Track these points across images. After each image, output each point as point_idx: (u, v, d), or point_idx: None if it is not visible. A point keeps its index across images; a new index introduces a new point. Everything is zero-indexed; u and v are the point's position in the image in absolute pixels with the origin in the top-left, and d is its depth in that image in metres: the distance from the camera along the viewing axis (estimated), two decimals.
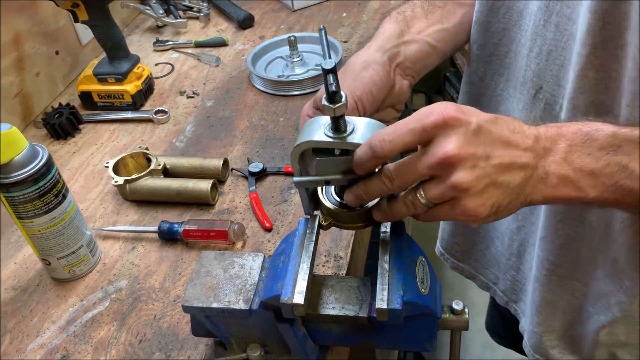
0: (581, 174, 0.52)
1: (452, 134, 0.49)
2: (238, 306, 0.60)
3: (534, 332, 0.81)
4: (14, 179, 0.72)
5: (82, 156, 1.08)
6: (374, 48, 0.70)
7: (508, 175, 0.51)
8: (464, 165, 0.49)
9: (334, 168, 0.57)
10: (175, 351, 0.73)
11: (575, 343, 0.80)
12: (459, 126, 0.49)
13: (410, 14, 0.74)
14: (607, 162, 0.52)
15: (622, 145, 0.52)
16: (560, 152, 0.53)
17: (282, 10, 1.50)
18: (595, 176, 0.52)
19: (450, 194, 0.51)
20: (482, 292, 1.20)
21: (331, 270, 0.80)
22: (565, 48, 0.65)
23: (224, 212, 0.92)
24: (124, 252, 0.88)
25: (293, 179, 0.58)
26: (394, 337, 0.62)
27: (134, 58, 1.20)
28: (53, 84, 1.25)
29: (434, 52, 0.73)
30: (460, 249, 0.97)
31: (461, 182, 0.49)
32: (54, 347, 0.75)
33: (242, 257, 0.65)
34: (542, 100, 0.70)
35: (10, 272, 0.87)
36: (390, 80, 0.69)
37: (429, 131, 0.50)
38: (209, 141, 1.08)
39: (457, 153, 0.49)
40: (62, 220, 0.78)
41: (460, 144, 0.49)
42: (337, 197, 0.62)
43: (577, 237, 0.71)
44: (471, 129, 0.50)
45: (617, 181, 0.52)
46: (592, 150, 0.53)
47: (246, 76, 1.26)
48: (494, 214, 0.53)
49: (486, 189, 0.51)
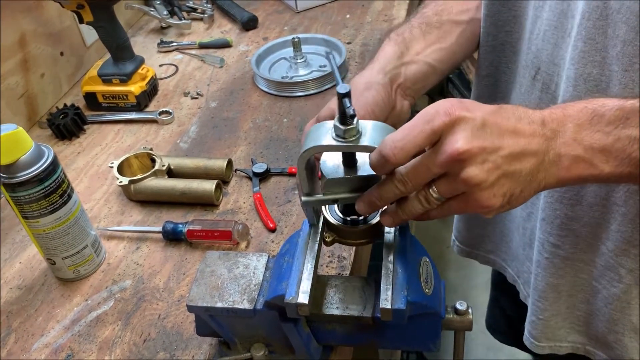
0: (592, 152, 0.53)
1: (460, 130, 0.50)
2: (242, 306, 0.60)
3: (539, 319, 0.81)
4: (19, 179, 0.73)
5: (87, 156, 1.09)
6: (376, 69, 0.72)
7: (519, 164, 0.52)
8: (474, 160, 0.50)
9: (342, 187, 0.58)
10: (180, 351, 0.73)
11: (583, 322, 0.80)
12: (465, 122, 0.50)
13: (409, 36, 0.76)
14: (617, 137, 0.53)
15: (630, 117, 0.53)
16: (569, 132, 0.53)
17: (286, 12, 1.50)
18: (606, 152, 0.53)
19: (463, 189, 0.52)
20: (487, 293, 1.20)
21: (335, 271, 0.80)
22: (558, 26, 0.66)
23: (228, 213, 0.92)
24: (129, 252, 0.88)
25: (301, 199, 0.59)
26: (398, 337, 0.62)
27: (138, 59, 1.20)
28: (58, 84, 1.25)
29: (433, 72, 0.76)
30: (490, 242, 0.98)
31: (472, 176, 0.50)
32: (59, 346, 0.76)
33: (246, 257, 0.65)
34: (540, 81, 0.72)
35: (15, 271, 0.87)
36: (392, 100, 0.71)
37: (438, 132, 0.51)
38: (213, 142, 1.08)
39: (467, 149, 0.50)
40: (67, 220, 0.79)
41: (468, 140, 0.50)
42: (340, 214, 0.63)
43: (576, 217, 0.72)
44: (477, 123, 0.51)
45: (629, 154, 0.53)
46: (601, 127, 0.53)
47: (250, 77, 1.26)
48: (508, 204, 0.53)
49: (498, 180, 0.51)
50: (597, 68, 0.62)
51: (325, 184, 0.58)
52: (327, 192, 0.58)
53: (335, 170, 0.58)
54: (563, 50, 0.66)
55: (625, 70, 0.60)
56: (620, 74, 0.60)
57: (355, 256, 0.83)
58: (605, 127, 0.53)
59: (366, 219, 0.62)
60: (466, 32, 0.79)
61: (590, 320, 0.78)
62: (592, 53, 0.62)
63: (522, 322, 0.89)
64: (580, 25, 0.62)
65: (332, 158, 0.59)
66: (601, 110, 0.53)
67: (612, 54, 0.60)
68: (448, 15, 0.78)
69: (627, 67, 0.59)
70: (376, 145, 0.53)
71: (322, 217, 0.63)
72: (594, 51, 0.61)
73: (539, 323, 0.81)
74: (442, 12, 0.79)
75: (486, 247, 0.99)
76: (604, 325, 0.76)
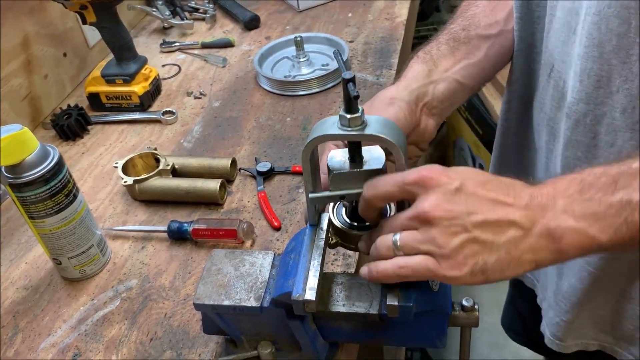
0: (585, 221, 0.51)
1: (432, 193, 0.52)
2: (249, 303, 0.60)
3: (563, 321, 0.79)
4: (25, 179, 0.73)
5: (91, 157, 1.09)
6: (402, 86, 0.72)
7: (491, 232, 0.51)
8: (439, 223, 0.51)
9: (348, 182, 0.58)
10: (186, 349, 0.73)
11: (608, 322, 0.78)
12: (438, 186, 0.52)
13: (437, 53, 0.75)
14: (609, 203, 0.51)
15: (619, 179, 0.51)
16: (559, 205, 0.52)
17: (288, 11, 1.50)
18: (601, 219, 0.51)
19: (425, 247, 0.52)
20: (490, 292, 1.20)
21: (340, 269, 0.80)
22: (566, 24, 0.66)
23: (232, 212, 0.93)
24: (134, 252, 0.88)
25: (309, 195, 0.59)
26: (404, 334, 0.62)
27: (141, 59, 1.20)
28: (61, 85, 1.25)
29: (461, 89, 0.74)
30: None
31: (434, 237, 0.51)
32: (66, 345, 0.76)
33: (252, 255, 0.65)
34: (553, 78, 0.71)
35: (22, 271, 0.88)
36: (416, 118, 0.70)
37: (408, 186, 0.53)
38: (217, 141, 1.09)
39: (431, 210, 0.51)
40: (72, 220, 0.79)
41: (436, 202, 0.51)
42: (347, 218, 0.63)
43: None
44: (451, 188, 0.52)
45: (625, 218, 0.50)
46: (591, 195, 0.51)
47: (253, 77, 1.26)
48: (481, 273, 0.52)
49: (464, 245, 0.51)
50: (597, 63, 0.62)
51: (331, 179, 0.58)
52: (334, 187, 0.59)
53: (341, 166, 0.58)
54: (569, 47, 0.66)
55: (624, 63, 0.59)
56: (620, 66, 0.60)
57: (361, 254, 0.83)
58: (595, 194, 0.51)
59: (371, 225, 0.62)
60: (495, 46, 0.77)
61: (617, 320, 0.77)
62: (591, 48, 0.61)
63: (536, 324, 0.88)
64: (584, 21, 0.62)
65: (339, 155, 0.59)
66: (589, 179, 0.52)
67: (608, 48, 0.60)
68: (476, 30, 0.77)
69: (625, 59, 0.59)
70: (380, 134, 0.54)
71: (327, 218, 0.63)
72: (592, 46, 0.61)
73: (563, 325, 0.80)
74: (469, 27, 0.77)
75: None
76: (630, 324, 0.75)
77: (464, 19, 0.79)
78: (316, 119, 1.10)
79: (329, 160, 0.59)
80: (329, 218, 0.63)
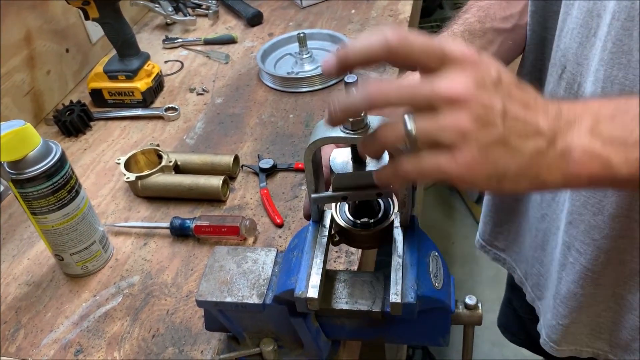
0: (611, 147, 0.45)
1: (468, 71, 0.44)
2: (251, 300, 0.60)
3: (560, 324, 0.79)
4: (28, 175, 0.73)
5: (94, 153, 1.09)
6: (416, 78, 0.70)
7: (519, 137, 0.45)
8: (474, 111, 0.43)
9: (351, 183, 0.58)
10: (189, 346, 0.73)
11: (605, 330, 0.77)
12: (475, 66, 0.45)
13: None
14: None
15: None
16: (586, 123, 0.46)
17: (291, 7, 1.50)
18: (627, 148, 0.45)
19: (444, 136, 0.44)
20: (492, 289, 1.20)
21: (343, 266, 0.80)
22: (583, 25, 0.64)
23: (235, 208, 0.93)
24: (136, 248, 0.88)
25: (311, 196, 0.59)
26: (407, 331, 0.62)
27: (144, 55, 1.20)
28: (63, 81, 1.25)
29: None
30: (503, 240, 0.96)
31: (462, 124, 0.43)
32: (68, 341, 0.76)
33: (255, 252, 0.65)
34: (565, 80, 0.69)
35: (24, 267, 0.88)
36: None
37: (436, 51, 0.45)
38: (220, 138, 1.08)
39: (466, 92, 0.43)
40: (75, 216, 0.79)
41: (474, 85, 0.43)
42: (350, 216, 0.63)
43: (597, 227, 0.68)
44: (493, 75, 0.45)
45: None
46: (624, 120, 0.46)
47: (255, 73, 1.26)
48: (497, 183, 0.45)
49: (493, 145, 0.44)
50: (622, 71, 0.59)
51: (334, 180, 0.58)
52: (337, 188, 0.58)
53: (344, 167, 0.58)
54: (587, 49, 0.64)
55: None
56: None
57: (363, 252, 0.83)
58: (630, 121, 0.46)
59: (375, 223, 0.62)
60: (508, 41, 0.76)
61: (614, 328, 0.76)
62: (619, 55, 0.59)
63: (533, 324, 0.88)
64: (610, 25, 0.60)
65: (342, 156, 0.59)
66: (625, 106, 0.47)
67: (636, 57, 0.57)
68: (491, 23, 0.76)
69: None
70: None
71: (330, 215, 0.63)
72: (620, 53, 0.59)
73: (559, 328, 0.79)
74: (485, 19, 0.76)
75: (499, 244, 0.98)
76: (628, 333, 0.74)
77: (479, 8, 0.78)
78: (319, 115, 1.10)
79: (332, 162, 0.59)
80: (331, 215, 0.63)
